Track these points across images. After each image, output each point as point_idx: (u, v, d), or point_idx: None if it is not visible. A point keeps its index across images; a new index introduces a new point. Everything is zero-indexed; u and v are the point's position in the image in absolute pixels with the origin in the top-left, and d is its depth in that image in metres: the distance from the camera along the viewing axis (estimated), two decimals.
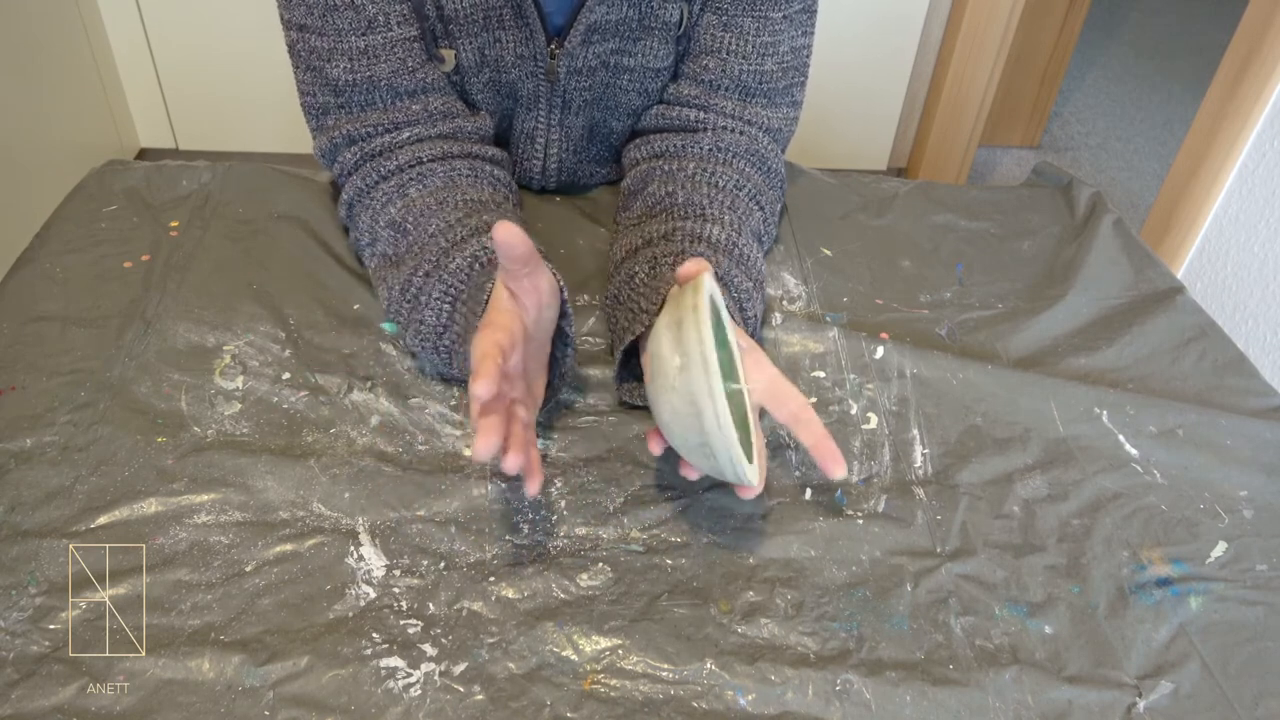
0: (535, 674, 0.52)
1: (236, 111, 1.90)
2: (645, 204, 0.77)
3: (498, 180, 0.76)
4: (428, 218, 0.69)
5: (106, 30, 1.79)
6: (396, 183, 0.72)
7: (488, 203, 0.72)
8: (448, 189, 0.72)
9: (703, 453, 0.54)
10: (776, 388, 0.60)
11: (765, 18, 0.77)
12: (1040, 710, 0.53)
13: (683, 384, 0.52)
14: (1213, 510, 0.65)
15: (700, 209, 0.73)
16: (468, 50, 0.76)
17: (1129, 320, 0.80)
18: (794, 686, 0.53)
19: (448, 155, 0.74)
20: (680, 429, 0.53)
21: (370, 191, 0.73)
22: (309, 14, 0.70)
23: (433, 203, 0.70)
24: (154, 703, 0.49)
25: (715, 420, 0.51)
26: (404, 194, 0.72)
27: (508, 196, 0.77)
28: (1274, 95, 1.23)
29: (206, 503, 0.59)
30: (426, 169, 0.73)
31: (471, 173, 0.74)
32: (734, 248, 0.70)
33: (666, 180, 0.77)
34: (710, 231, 0.70)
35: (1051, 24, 2.09)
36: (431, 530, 0.59)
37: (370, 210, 0.73)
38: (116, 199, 0.83)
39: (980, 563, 0.60)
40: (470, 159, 0.75)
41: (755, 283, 0.71)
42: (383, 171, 0.73)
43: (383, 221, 0.71)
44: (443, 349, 0.65)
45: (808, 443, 0.59)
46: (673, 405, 0.53)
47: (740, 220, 0.74)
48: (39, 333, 0.70)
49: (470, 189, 0.72)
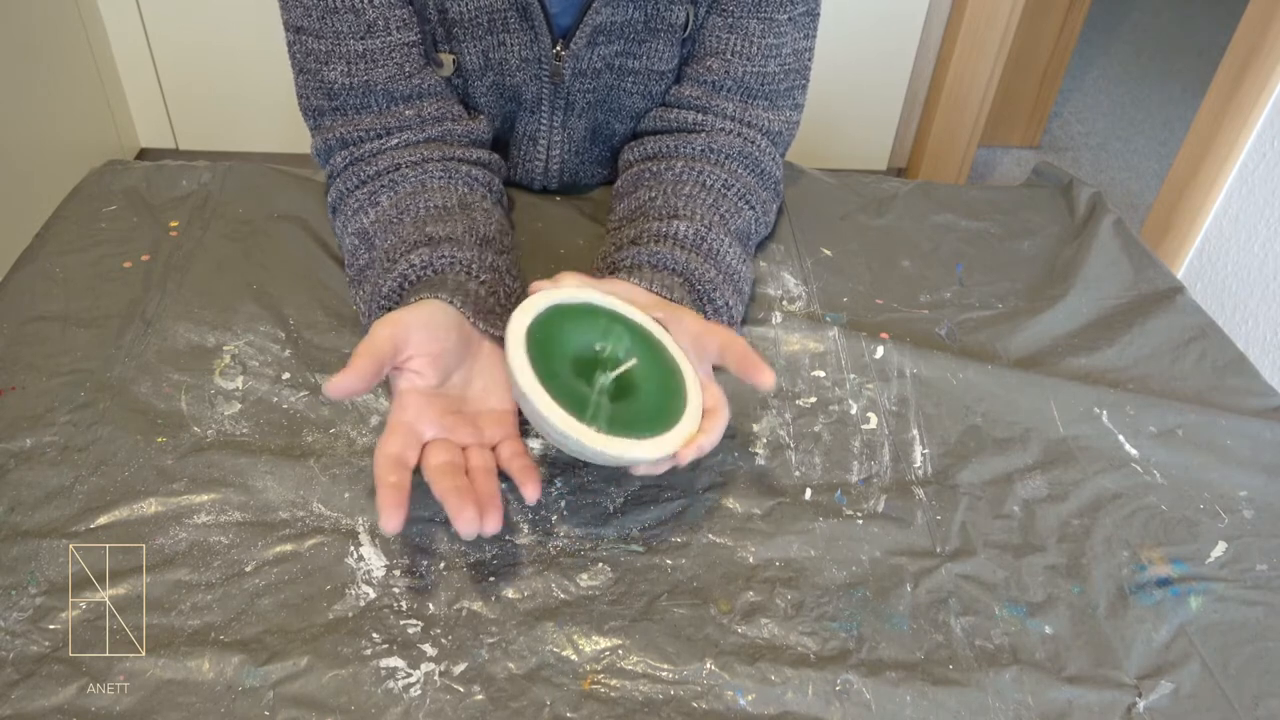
0: (535, 674, 0.52)
1: (236, 111, 1.90)
2: (628, 208, 0.77)
3: (474, 180, 0.75)
4: (386, 232, 0.69)
5: (106, 30, 1.79)
6: (369, 190, 0.72)
7: (453, 208, 0.71)
8: (415, 195, 0.71)
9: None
10: (700, 339, 0.61)
11: (771, 19, 0.77)
12: (1040, 710, 0.53)
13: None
14: (1213, 510, 0.65)
15: (674, 209, 0.73)
16: (472, 54, 0.75)
17: (1129, 320, 0.80)
18: (794, 686, 0.53)
19: (425, 159, 0.73)
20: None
21: (346, 198, 0.73)
22: (308, 16, 0.70)
23: (394, 214, 0.70)
24: (154, 703, 0.49)
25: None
26: (375, 202, 0.71)
27: (485, 195, 0.76)
28: (1274, 95, 1.23)
29: (206, 503, 0.59)
30: (400, 175, 0.72)
31: (444, 174, 0.73)
32: (701, 241, 0.70)
33: (652, 184, 0.77)
34: (676, 228, 0.70)
35: (1051, 24, 2.09)
36: (431, 530, 0.59)
37: (343, 217, 0.73)
38: (116, 199, 0.83)
39: (980, 563, 0.60)
40: (446, 161, 0.74)
41: (725, 274, 0.70)
42: (361, 177, 0.73)
43: (351, 229, 0.72)
44: None
45: (732, 365, 0.59)
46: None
47: (721, 217, 0.74)
48: (39, 333, 0.70)
49: (439, 193, 0.71)
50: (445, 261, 0.65)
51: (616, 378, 0.59)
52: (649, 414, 0.57)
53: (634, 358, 0.59)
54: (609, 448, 0.54)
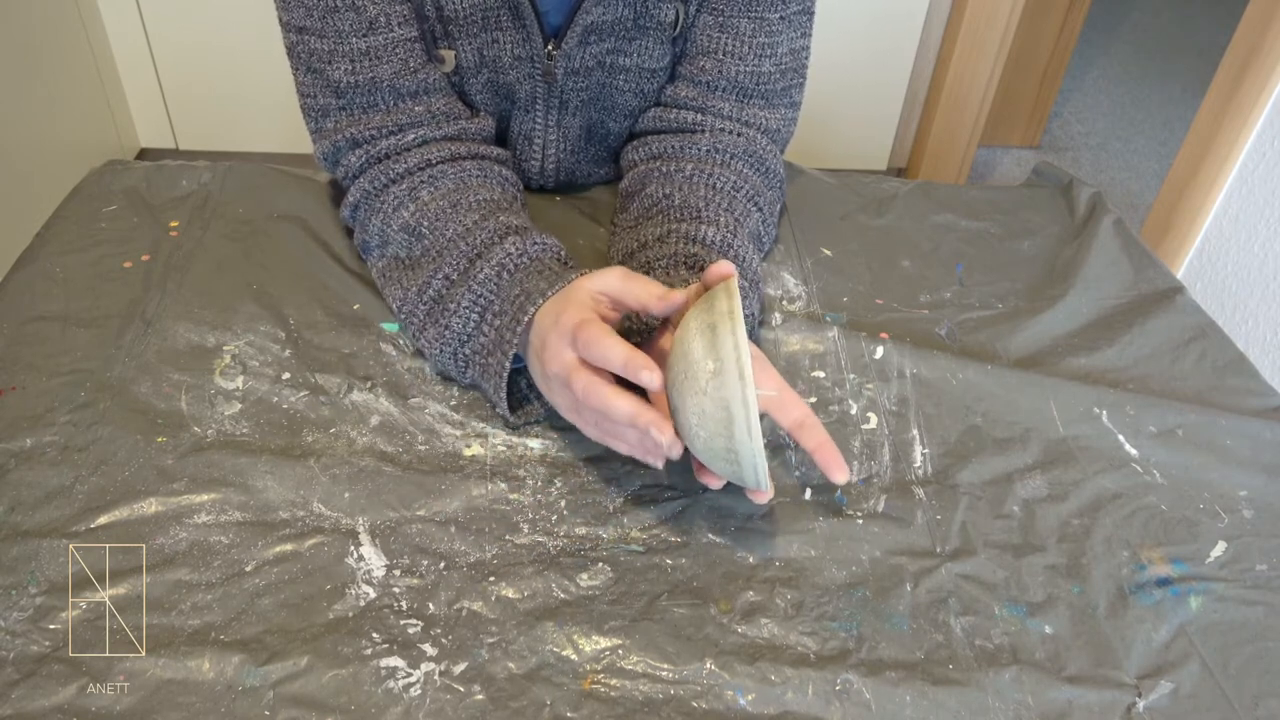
0: (535, 674, 0.52)
1: (236, 111, 1.90)
2: (642, 205, 0.77)
3: (506, 180, 0.77)
4: (444, 221, 0.69)
5: (106, 30, 1.79)
6: (407, 185, 0.72)
7: (499, 202, 0.72)
8: (460, 190, 0.72)
9: (727, 458, 0.54)
10: (783, 395, 0.61)
11: (762, 19, 0.76)
12: (1040, 710, 0.53)
13: (715, 389, 0.52)
14: (1213, 510, 0.65)
15: (696, 211, 0.73)
16: (467, 51, 0.76)
17: (1129, 320, 0.80)
18: (794, 686, 0.53)
19: (456, 156, 0.74)
20: (707, 434, 0.53)
21: (380, 195, 0.73)
22: (308, 16, 0.70)
23: (446, 205, 0.70)
24: (154, 703, 0.49)
25: (746, 428, 0.51)
26: (415, 197, 0.72)
27: (515, 196, 0.77)
28: (1274, 95, 1.23)
29: (206, 503, 0.59)
30: (437, 171, 0.73)
31: (481, 173, 0.75)
32: (729, 249, 0.70)
33: (664, 182, 0.77)
34: (705, 233, 0.70)
35: (1051, 24, 2.09)
36: (431, 530, 0.59)
37: (381, 214, 0.73)
38: (116, 199, 0.83)
39: (980, 563, 0.60)
40: (478, 159, 0.76)
41: (751, 283, 0.71)
42: (392, 175, 0.73)
43: (395, 225, 0.71)
44: (462, 357, 0.66)
45: (810, 448, 0.59)
46: (702, 409, 0.53)
47: (737, 221, 0.74)
48: (39, 333, 0.70)
49: (481, 189, 0.72)
50: (539, 248, 0.67)
51: None
52: None
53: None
54: (763, 467, 0.53)
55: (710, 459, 0.55)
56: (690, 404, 0.53)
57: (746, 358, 0.51)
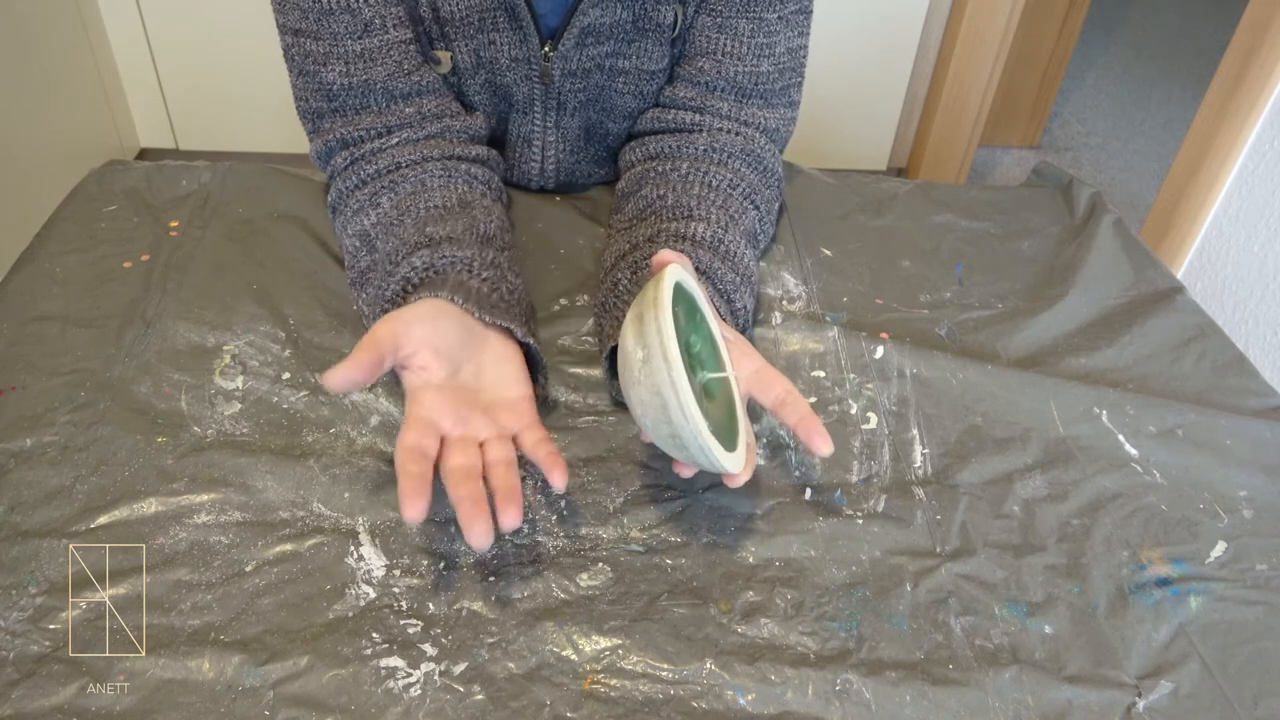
0: (535, 674, 0.52)
1: (236, 111, 1.90)
2: (636, 206, 0.77)
3: (474, 178, 0.76)
4: (388, 234, 0.69)
5: (106, 30, 1.79)
6: (370, 190, 0.72)
7: (452, 207, 0.71)
8: (415, 195, 0.71)
9: (675, 444, 0.54)
10: (762, 375, 0.61)
11: (760, 19, 0.76)
12: (1040, 710, 0.53)
13: (645, 376, 0.52)
14: (1213, 510, 0.65)
15: (688, 209, 0.73)
16: (464, 52, 0.76)
17: (1129, 320, 0.80)
18: (794, 686, 0.53)
19: (425, 158, 0.74)
20: (650, 421, 0.54)
21: (346, 198, 0.74)
22: (304, 18, 0.70)
23: (395, 216, 0.70)
24: (154, 703, 0.49)
25: (680, 410, 0.51)
26: (376, 203, 0.71)
27: (485, 193, 0.76)
28: (1274, 95, 1.23)
29: (206, 503, 0.59)
30: (400, 175, 0.72)
31: (444, 173, 0.74)
32: (719, 244, 0.70)
33: (659, 182, 0.77)
34: (695, 230, 0.70)
35: (1051, 24, 2.09)
36: (431, 530, 0.59)
37: (343, 217, 0.73)
38: (116, 199, 0.83)
39: (980, 563, 0.60)
40: (446, 160, 0.75)
41: (743, 277, 0.70)
42: (361, 176, 0.73)
43: (352, 230, 0.72)
44: None
45: (791, 422, 0.59)
46: (640, 398, 0.53)
47: (731, 218, 0.74)
48: (39, 333, 0.70)
49: (438, 193, 0.72)
50: (446, 261, 0.65)
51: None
52: (720, 425, 0.56)
53: (715, 362, 0.58)
54: (712, 448, 0.53)
55: (666, 447, 0.56)
56: (633, 396, 0.54)
57: (670, 341, 0.51)
